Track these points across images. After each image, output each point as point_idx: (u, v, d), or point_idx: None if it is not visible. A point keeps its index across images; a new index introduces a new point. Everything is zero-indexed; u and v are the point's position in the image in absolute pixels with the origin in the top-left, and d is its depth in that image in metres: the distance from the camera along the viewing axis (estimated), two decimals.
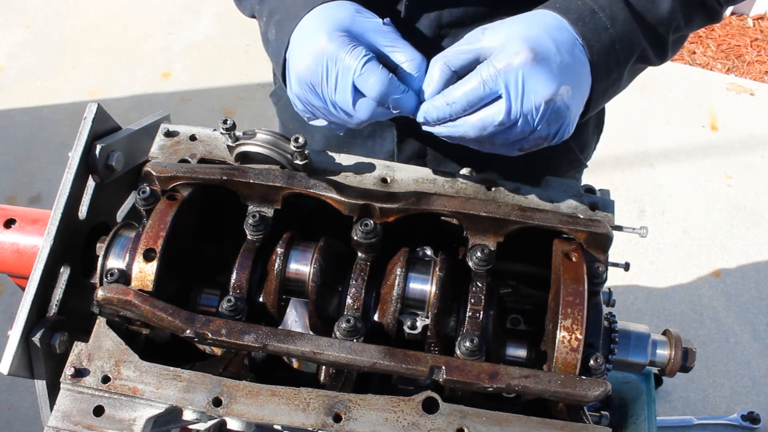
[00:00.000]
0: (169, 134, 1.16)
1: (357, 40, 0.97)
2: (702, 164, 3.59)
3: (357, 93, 0.97)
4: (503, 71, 0.91)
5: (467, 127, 0.95)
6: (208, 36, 4.06)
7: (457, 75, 0.96)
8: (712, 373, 2.87)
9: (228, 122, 1.08)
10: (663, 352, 1.08)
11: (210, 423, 1.01)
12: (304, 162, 1.05)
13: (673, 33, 1.08)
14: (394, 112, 0.98)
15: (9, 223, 1.13)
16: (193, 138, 1.15)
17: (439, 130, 0.98)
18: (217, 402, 0.92)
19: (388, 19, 1.00)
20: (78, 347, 0.96)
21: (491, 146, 1.00)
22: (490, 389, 0.91)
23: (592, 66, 0.97)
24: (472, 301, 0.99)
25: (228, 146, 1.10)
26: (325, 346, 0.93)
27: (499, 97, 0.93)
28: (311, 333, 0.99)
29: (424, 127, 1.01)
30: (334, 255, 1.05)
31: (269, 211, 1.07)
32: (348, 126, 1.03)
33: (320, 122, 1.08)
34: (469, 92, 0.93)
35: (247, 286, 1.02)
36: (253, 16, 1.20)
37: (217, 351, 1.29)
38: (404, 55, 0.97)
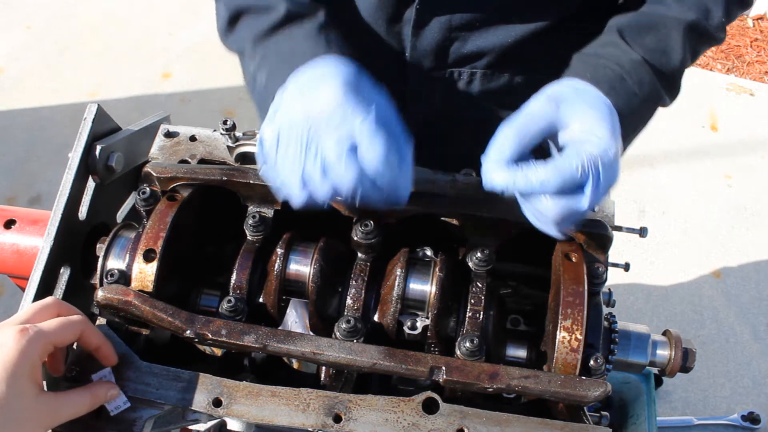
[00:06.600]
0: (169, 135, 1.16)
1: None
2: (702, 164, 3.59)
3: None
4: (595, 161, 0.87)
5: (550, 212, 0.89)
6: (208, 37, 4.06)
7: (525, 145, 0.91)
8: (712, 374, 2.87)
9: (228, 123, 1.08)
10: (663, 353, 1.08)
11: (210, 423, 1.01)
12: None
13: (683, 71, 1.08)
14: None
15: (9, 224, 1.13)
16: (193, 139, 1.15)
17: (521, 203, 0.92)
18: (217, 402, 0.92)
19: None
20: (78, 348, 0.96)
21: (542, 225, 0.94)
22: (490, 390, 0.91)
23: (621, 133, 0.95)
24: (472, 301, 0.99)
25: (228, 147, 1.10)
26: (326, 346, 0.93)
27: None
28: (311, 333, 0.99)
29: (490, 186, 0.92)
30: (334, 256, 1.05)
31: (269, 212, 1.07)
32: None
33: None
34: (567, 176, 0.86)
35: (247, 287, 1.02)
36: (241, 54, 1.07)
37: (218, 351, 1.29)
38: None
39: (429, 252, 1.05)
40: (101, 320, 1.00)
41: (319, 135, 0.82)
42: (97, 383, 0.91)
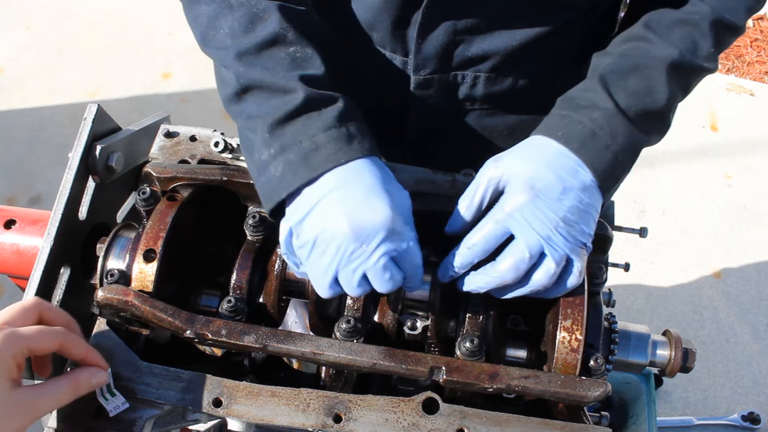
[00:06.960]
0: (169, 135, 1.16)
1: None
2: (702, 164, 3.59)
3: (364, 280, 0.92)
4: (510, 212, 0.92)
5: (501, 272, 0.93)
6: None
7: (476, 213, 0.97)
8: (713, 374, 2.87)
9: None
10: (663, 353, 1.08)
11: (210, 423, 1.01)
12: None
13: (674, 106, 1.08)
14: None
15: (9, 224, 1.13)
16: (193, 139, 1.15)
17: (476, 282, 0.96)
18: (217, 402, 0.92)
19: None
20: None
21: (539, 291, 0.96)
22: (491, 390, 0.91)
23: (599, 182, 0.97)
24: (472, 301, 0.99)
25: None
26: (326, 346, 0.93)
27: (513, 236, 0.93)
28: (311, 334, 0.99)
29: (466, 288, 0.98)
30: None
31: None
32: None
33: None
34: (487, 234, 0.93)
35: (247, 287, 1.02)
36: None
37: (218, 352, 1.29)
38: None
39: (429, 252, 1.05)
40: (101, 320, 1.00)
41: (366, 249, 0.88)
42: (78, 369, 0.89)
